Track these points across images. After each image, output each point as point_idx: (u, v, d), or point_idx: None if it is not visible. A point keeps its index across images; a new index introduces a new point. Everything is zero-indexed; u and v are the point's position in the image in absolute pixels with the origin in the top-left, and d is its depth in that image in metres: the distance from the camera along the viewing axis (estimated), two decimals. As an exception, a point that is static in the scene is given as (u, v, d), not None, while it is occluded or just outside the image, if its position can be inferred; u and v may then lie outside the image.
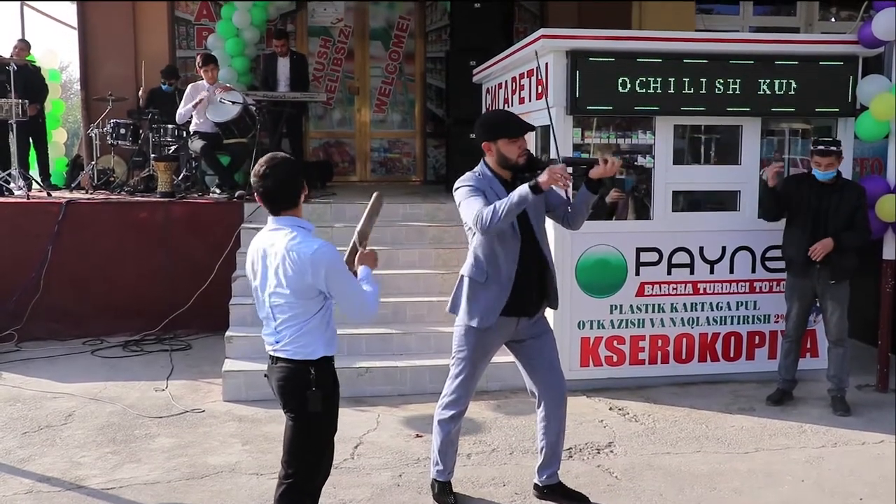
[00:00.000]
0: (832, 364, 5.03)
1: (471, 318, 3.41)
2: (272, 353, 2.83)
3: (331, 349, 2.79)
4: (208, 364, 5.81)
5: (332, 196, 7.67)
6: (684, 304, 5.43)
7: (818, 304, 5.06)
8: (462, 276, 3.49)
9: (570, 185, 3.20)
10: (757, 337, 5.54)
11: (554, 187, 3.29)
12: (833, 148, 4.86)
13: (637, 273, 5.38)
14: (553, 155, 3.70)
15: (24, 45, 8.36)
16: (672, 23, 8.35)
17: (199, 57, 7.75)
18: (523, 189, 3.11)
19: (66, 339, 6.50)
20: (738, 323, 5.51)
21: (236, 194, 7.08)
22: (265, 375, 2.91)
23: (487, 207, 3.18)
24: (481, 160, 3.46)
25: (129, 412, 4.93)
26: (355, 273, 2.93)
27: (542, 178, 3.10)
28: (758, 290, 5.51)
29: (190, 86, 7.64)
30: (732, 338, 5.52)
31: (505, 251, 3.34)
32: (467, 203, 3.28)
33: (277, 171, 2.71)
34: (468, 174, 3.41)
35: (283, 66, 8.48)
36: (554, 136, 3.47)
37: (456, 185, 3.39)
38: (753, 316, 5.52)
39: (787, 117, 5.63)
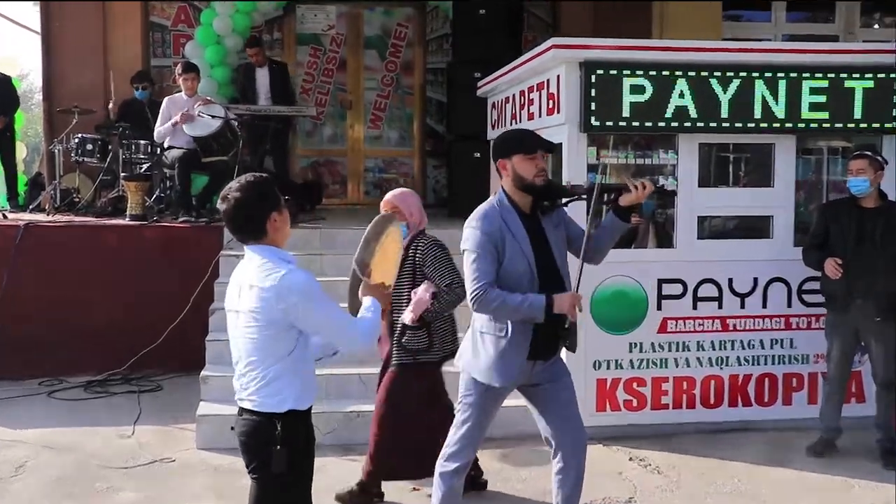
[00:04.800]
0: (880, 410, 4.99)
1: (489, 377, 3.42)
2: (238, 402, 2.80)
3: (303, 401, 2.74)
4: (181, 408, 5.77)
5: (321, 220, 7.68)
6: (712, 342, 5.42)
7: (863, 343, 5.04)
8: (476, 332, 3.49)
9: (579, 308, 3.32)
10: (794, 379, 5.51)
11: (568, 211, 3.30)
12: (867, 153, 4.88)
13: (659, 307, 5.38)
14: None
15: None
16: (697, 31, 8.43)
17: (179, 64, 7.81)
18: (538, 307, 3.22)
19: (21, 380, 6.46)
20: (773, 363, 5.49)
21: (216, 217, 7.09)
22: (231, 428, 2.84)
23: (495, 293, 3.25)
24: (500, 188, 3.49)
25: (89, 462, 4.88)
26: (356, 308, 2.92)
27: (561, 304, 3.23)
28: (794, 326, 5.49)
29: (166, 99, 7.69)
30: (766, 380, 5.50)
31: None
32: (471, 261, 3.32)
33: (238, 194, 2.70)
34: (482, 208, 3.43)
35: (262, 76, 8.56)
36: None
37: (467, 222, 3.42)
38: (790, 356, 5.50)
39: (825, 134, 5.67)
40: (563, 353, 3.59)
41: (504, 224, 3.36)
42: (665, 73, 5.20)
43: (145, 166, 7.80)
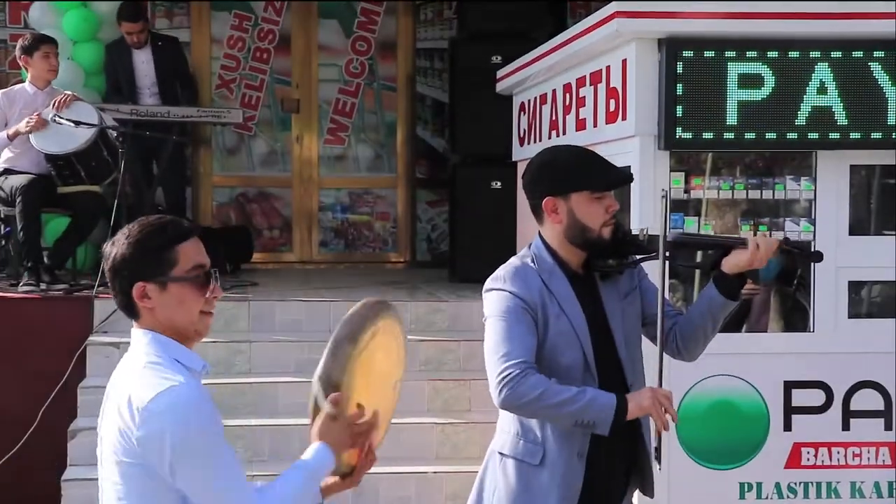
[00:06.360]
0: None
1: None
2: None
3: None
4: None
5: (251, 288, 7.71)
6: (877, 486, 5.37)
7: None
8: (495, 455, 3.50)
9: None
10: None
11: (650, 275, 3.29)
12: None
13: (787, 427, 5.35)
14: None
15: None
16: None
17: (23, 39, 7.79)
18: (604, 406, 3.16)
19: None
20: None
21: (80, 283, 7.11)
22: None
23: (535, 377, 3.21)
24: (536, 236, 3.49)
25: None
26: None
27: (640, 401, 3.19)
28: None
29: (0, 94, 7.67)
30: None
31: None
32: (497, 331, 3.31)
33: (119, 242, 2.66)
34: (511, 264, 3.44)
35: (143, 62, 8.68)
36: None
37: (488, 283, 3.42)
38: None
39: None
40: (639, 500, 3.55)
41: (545, 289, 3.36)
42: (797, 53, 5.20)
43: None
